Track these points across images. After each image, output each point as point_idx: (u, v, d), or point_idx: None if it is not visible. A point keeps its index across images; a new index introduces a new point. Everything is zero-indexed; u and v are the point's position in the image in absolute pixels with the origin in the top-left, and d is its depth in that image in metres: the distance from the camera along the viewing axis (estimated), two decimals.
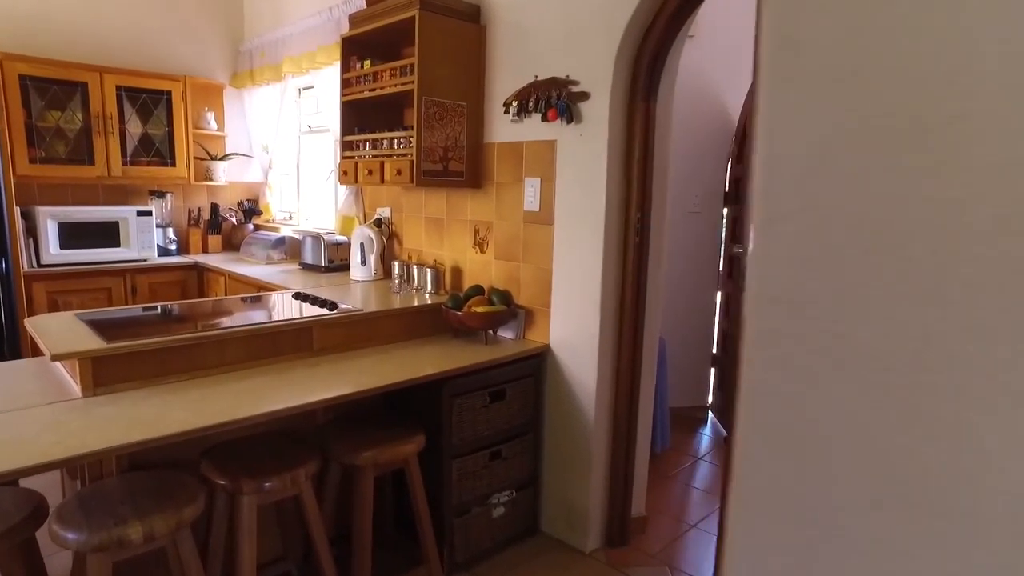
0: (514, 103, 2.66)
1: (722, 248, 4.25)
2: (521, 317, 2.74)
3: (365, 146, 3.02)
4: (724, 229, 4.22)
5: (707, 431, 4.18)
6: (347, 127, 3.11)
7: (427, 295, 2.97)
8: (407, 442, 2.23)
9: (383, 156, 2.88)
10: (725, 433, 3.99)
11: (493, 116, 2.80)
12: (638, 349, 2.59)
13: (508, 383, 2.54)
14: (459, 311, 2.65)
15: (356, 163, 3.03)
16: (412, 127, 2.68)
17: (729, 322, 4.17)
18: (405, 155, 2.74)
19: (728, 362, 4.13)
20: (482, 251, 2.91)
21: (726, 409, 4.09)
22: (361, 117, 3.11)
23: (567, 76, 2.47)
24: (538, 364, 2.67)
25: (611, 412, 2.61)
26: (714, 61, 3.92)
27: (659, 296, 2.71)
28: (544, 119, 2.55)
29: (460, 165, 2.80)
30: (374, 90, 2.89)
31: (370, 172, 2.91)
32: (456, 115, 2.75)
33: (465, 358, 2.43)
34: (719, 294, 4.31)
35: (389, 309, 2.63)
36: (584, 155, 2.45)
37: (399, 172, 2.72)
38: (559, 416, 2.67)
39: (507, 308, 2.67)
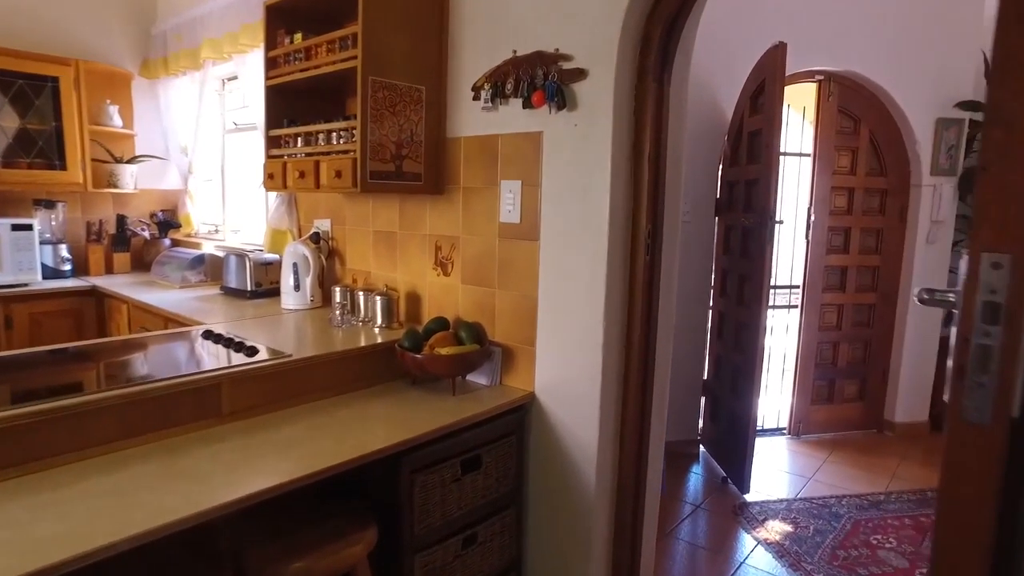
0: (487, 86, 2.10)
1: (714, 261, 3.77)
2: (497, 357, 2.16)
3: (296, 142, 2.40)
4: (716, 240, 3.75)
5: (699, 469, 3.68)
6: (273, 119, 2.48)
7: (376, 330, 2.36)
8: (353, 542, 1.63)
9: (319, 154, 2.27)
10: (723, 473, 3.49)
11: (460, 103, 2.22)
12: (648, 395, 2.05)
13: (484, 446, 1.96)
14: (418, 352, 2.06)
15: (285, 164, 2.40)
16: (355, 117, 2.08)
17: (722, 344, 3.69)
18: (347, 152, 2.14)
19: (721, 389, 3.65)
20: (445, 273, 2.33)
21: (719, 441, 3.60)
22: (292, 106, 2.49)
23: (556, 50, 1.92)
24: (521, 418, 2.09)
25: (615, 475, 2.06)
26: (704, 49, 3.43)
27: (670, 328, 2.18)
28: (527, 105, 1.99)
29: (417, 165, 2.22)
30: (307, 70, 2.28)
31: (302, 175, 2.29)
32: (412, 102, 2.17)
33: (428, 418, 1.84)
34: (711, 313, 3.83)
35: (328, 353, 2.02)
36: (580, 150, 1.90)
37: (338, 174, 2.11)
38: (548, 483, 2.10)
39: (479, 347, 2.09)
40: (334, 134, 2.22)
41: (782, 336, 5.16)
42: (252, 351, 1.96)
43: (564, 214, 1.96)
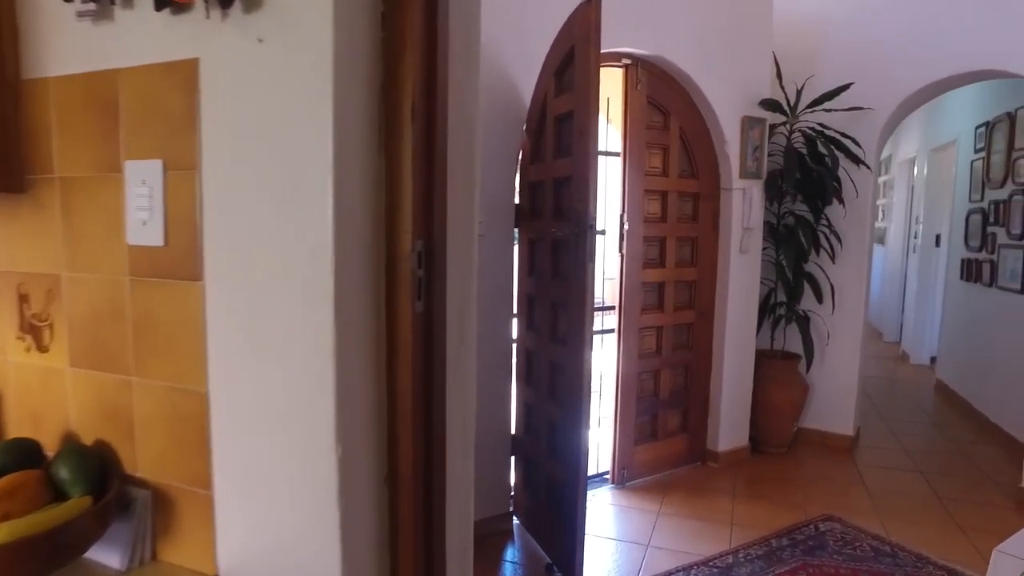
0: None
1: (516, 285, 3.00)
2: (143, 510, 1.09)
3: None
4: (518, 257, 2.99)
5: (515, 553, 2.88)
6: None
7: None
8: None
9: None
10: (547, 559, 2.71)
11: (42, 8, 1.13)
12: (438, 551, 1.13)
13: None
14: None
15: None
16: None
17: (533, 391, 2.93)
18: None
19: (535, 448, 2.87)
20: (40, 347, 1.20)
21: (539, 516, 2.83)
22: None
23: None
24: None
25: None
26: (495, 18, 2.65)
27: (470, 414, 1.29)
28: (164, 3, 0.97)
29: None
30: None
31: None
32: None
33: None
34: (515, 349, 3.05)
35: None
36: (274, 94, 0.94)
37: None
38: None
39: (93, 502, 1.02)
40: None
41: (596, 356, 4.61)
42: None
43: (248, 225, 0.97)
